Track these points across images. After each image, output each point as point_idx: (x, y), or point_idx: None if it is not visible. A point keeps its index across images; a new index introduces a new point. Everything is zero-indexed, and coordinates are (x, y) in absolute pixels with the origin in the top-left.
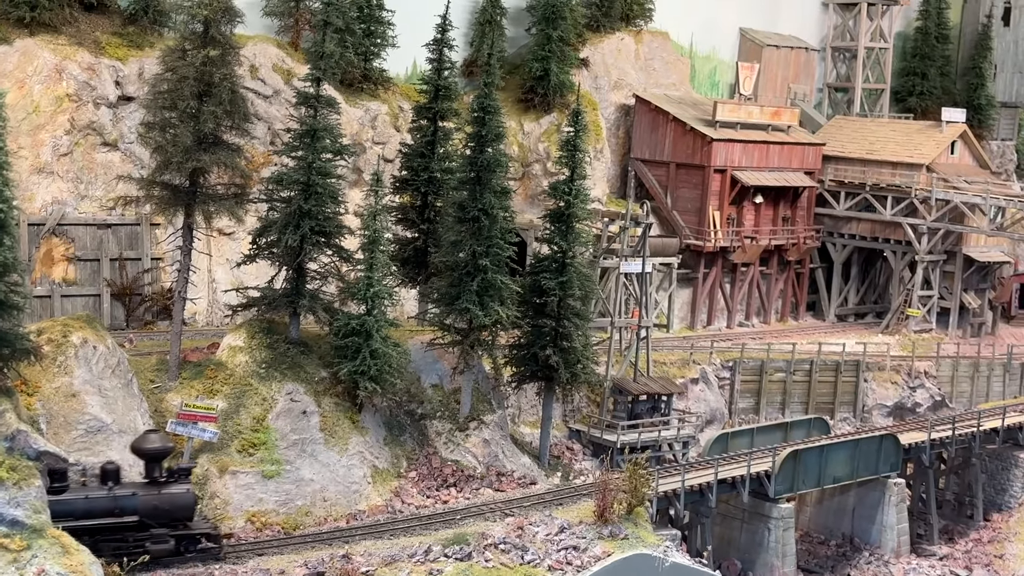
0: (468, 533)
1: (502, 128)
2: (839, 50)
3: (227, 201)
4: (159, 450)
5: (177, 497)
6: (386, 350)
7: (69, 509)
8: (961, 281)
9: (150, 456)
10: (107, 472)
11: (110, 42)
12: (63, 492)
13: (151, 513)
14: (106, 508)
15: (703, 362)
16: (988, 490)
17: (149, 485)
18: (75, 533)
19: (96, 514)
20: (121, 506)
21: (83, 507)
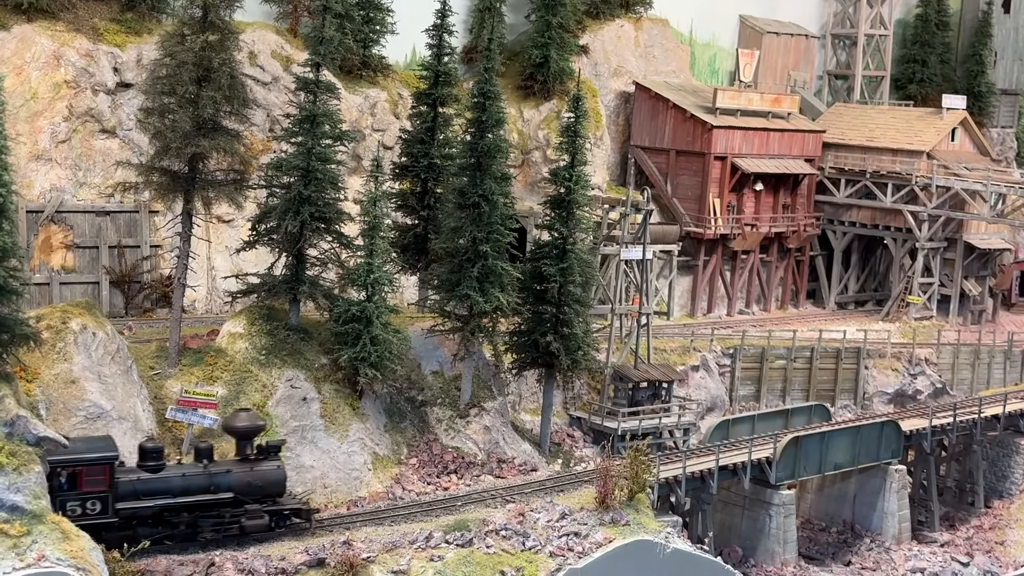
0: (469, 519)
1: (502, 114)
2: (839, 37)
3: (226, 187)
4: (250, 428)
5: (269, 473)
6: (386, 336)
7: (167, 487)
8: (961, 268)
9: (241, 434)
10: (200, 450)
11: (108, 28)
12: (160, 470)
13: (245, 489)
14: (203, 485)
15: (704, 349)
16: (989, 477)
17: (241, 462)
18: (173, 511)
19: (193, 491)
20: (216, 483)
21: (181, 484)
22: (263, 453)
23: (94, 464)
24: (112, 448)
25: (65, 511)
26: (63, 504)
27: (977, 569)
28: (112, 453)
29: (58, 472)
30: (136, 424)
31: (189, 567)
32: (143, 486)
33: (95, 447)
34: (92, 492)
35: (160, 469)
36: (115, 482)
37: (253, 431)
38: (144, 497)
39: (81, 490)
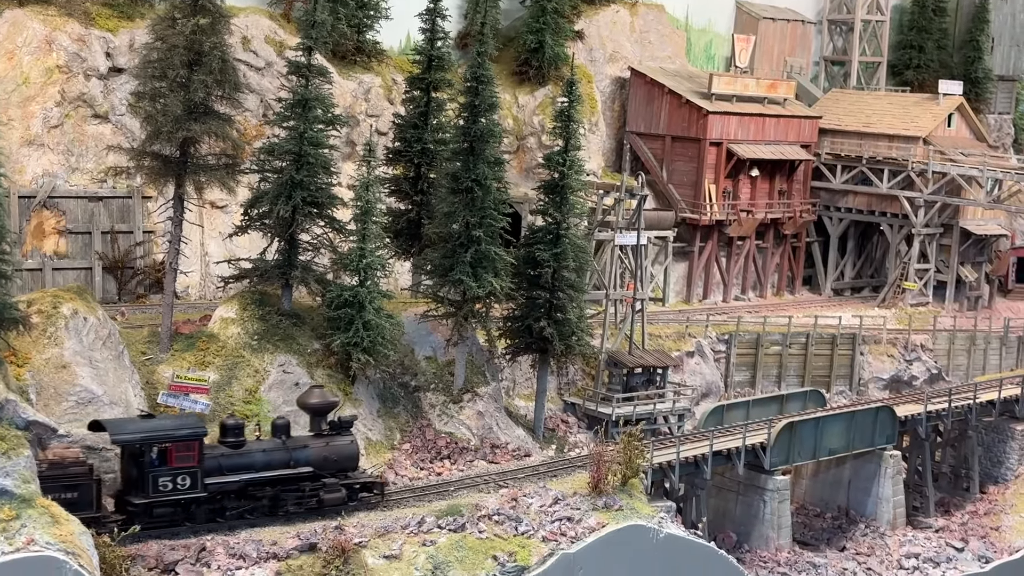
0: (462, 504)
1: (495, 98)
2: (836, 23)
3: (218, 171)
4: (324, 404)
5: (344, 448)
6: (379, 322)
7: (249, 462)
8: (958, 254)
9: (315, 410)
10: (278, 426)
11: (100, 13)
12: (242, 447)
13: (321, 464)
14: (283, 460)
15: (699, 335)
16: (984, 462)
17: (316, 438)
18: (257, 485)
19: (275, 466)
20: (295, 458)
21: (263, 460)
22: (335, 429)
23: (184, 440)
24: (200, 424)
25: (157, 487)
26: (155, 480)
27: (972, 554)
28: (201, 429)
29: (149, 448)
30: (127, 409)
31: (180, 551)
32: (227, 462)
33: (184, 423)
34: (182, 468)
35: (241, 445)
36: (203, 457)
37: (327, 407)
38: (229, 472)
39: (172, 466)
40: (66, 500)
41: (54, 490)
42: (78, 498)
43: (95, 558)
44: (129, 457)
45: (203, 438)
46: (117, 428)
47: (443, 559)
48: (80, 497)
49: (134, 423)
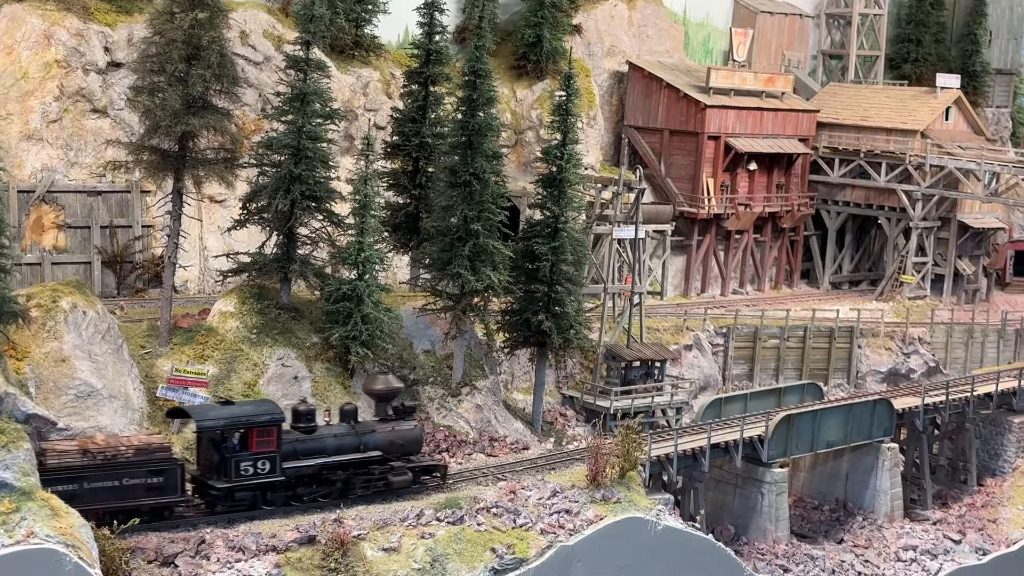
0: (460, 497)
1: (493, 92)
2: (833, 16)
3: (217, 166)
4: (390, 391)
5: (408, 432)
6: (377, 315)
7: (321, 447)
8: (955, 247)
9: (380, 396)
10: (347, 412)
11: (99, 7)
12: (314, 432)
13: (388, 448)
14: (353, 445)
15: (697, 328)
16: (982, 455)
17: (382, 422)
18: (331, 469)
19: (345, 450)
20: (364, 442)
21: (334, 445)
22: (399, 414)
23: (265, 425)
24: (278, 410)
25: (239, 471)
26: (236, 464)
27: (969, 547)
28: (280, 415)
29: (232, 433)
30: (127, 403)
31: (180, 544)
32: (302, 446)
33: (263, 409)
34: (262, 452)
35: (314, 430)
36: (281, 442)
37: (392, 393)
38: (303, 457)
39: (252, 450)
40: (152, 485)
41: (140, 475)
42: (163, 482)
43: (95, 550)
44: (210, 442)
45: (282, 423)
46: (201, 414)
47: (442, 551)
48: (165, 481)
49: (215, 409)
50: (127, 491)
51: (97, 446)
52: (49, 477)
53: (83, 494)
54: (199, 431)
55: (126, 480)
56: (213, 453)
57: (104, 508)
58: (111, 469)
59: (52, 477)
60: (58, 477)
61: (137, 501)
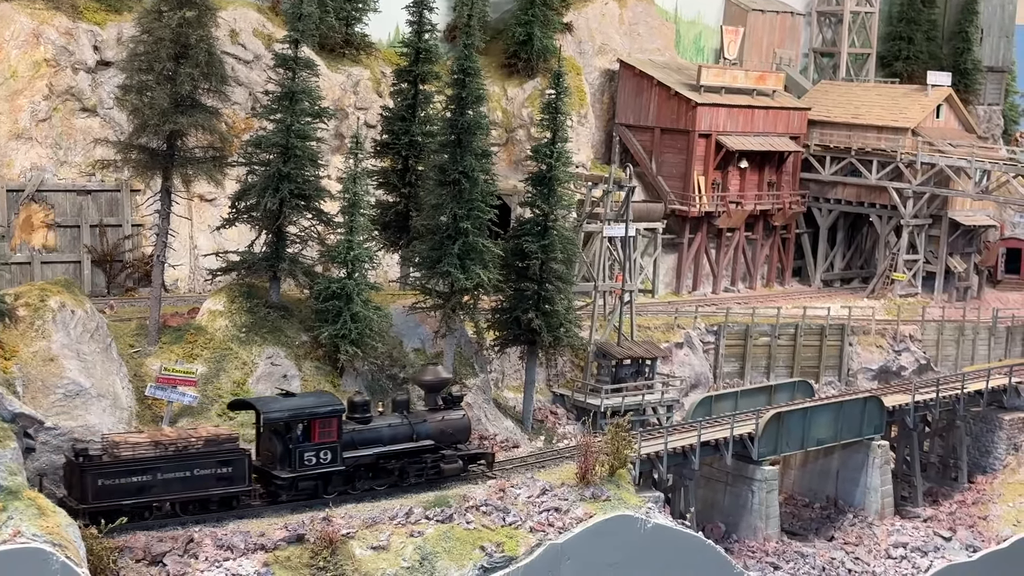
0: (449, 495)
1: (482, 90)
2: (825, 14)
3: (205, 164)
4: (439, 381)
5: (458, 421)
6: (367, 314)
7: (378, 436)
8: (947, 245)
9: (430, 387)
10: (399, 402)
11: (88, 6)
12: (369, 422)
13: (439, 436)
14: (407, 434)
15: (688, 326)
16: (972, 452)
17: (432, 412)
18: (387, 458)
19: (399, 440)
20: (417, 431)
21: (389, 434)
22: (448, 404)
23: (327, 416)
24: (339, 402)
25: (302, 461)
26: (300, 455)
27: (960, 544)
28: (341, 406)
29: (295, 424)
30: (115, 402)
31: (168, 543)
32: (359, 436)
33: (325, 400)
34: (324, 443)
35: (369, 420)
36: (341, 432)
37: (442, 384)
38: (361, 446)
39: (315, 441)
40: (221, 475)
41: (210, 465)
42: (232, 472)
43: (82, 550)
44: (273, 433)
45: (342, 414)
46: (266, 406)
47: (431, 550)
48: (234, 472)
49: (278, 401)
50: (198, 481)
51: (168, 437)
52: (123, 469)
53: (155, 485)
54: (264, 422)
55: (197, 471)
56: (276, 444)
57: (176, 499)
58: (183, 460)
59: (126, 469)
60: (132, 469)
61: (207, 491)
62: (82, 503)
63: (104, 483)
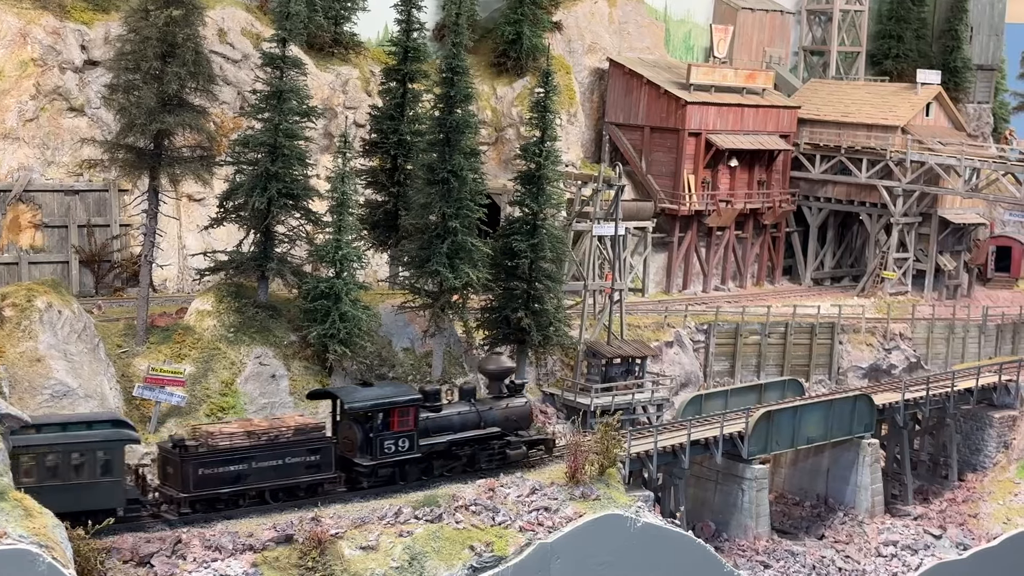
0: (439, 495)
1: (471, 89)
2: (814, 13)
3: (193, 164)
4: (503, 370)
5: (520, 408)
6: (355, 313)
7: (449, 424)
8: (936, 243)
9: (494, 375)
10: (466, 391)
11: (75, 6)
12: (440, 410)
13: (504, 423)
14: (475, 421)
15: (678, 325)
16: (962, 450)
17: (496, 400)
18: (459, 445)
19: (468, 427)
20: (484, 419)
21: (459, 421)
22: (512, 391)
23: (406, 406)
24: (415, 391)
25: (383, 449)
26: (380, 443)
27: (950, 542)
28: (418, 396)
29: (377, 414)
30: (103, 402)
31: (156, 544)
32: (432, 424)
33: (403, 390)
34: (403, 431)
35: (440, 409)
36: (418, 421)
37: (505, 372)
38: (434, 434)
39: (394, 429)
40: (310, 463)
41: (300, 454)
42: (320, 460)
43: (69, 551)
44: (354, 422)
45: (419, 404)
46: (349, 395)
47: (420, 550)
48: (321, 459)
49: (360, 391)
50: (288, 469)
51: (260, 427)
52: (220, 458)
53: (250, 474)
54: (348, 412)
55: (288, 459)
56: (357, 432)
57: (270, 486)
58: (275, 449)
59: (223, 458)
60: (229, 458)
61: (297, 479)
62: (183, 492)
63: (204, 472)
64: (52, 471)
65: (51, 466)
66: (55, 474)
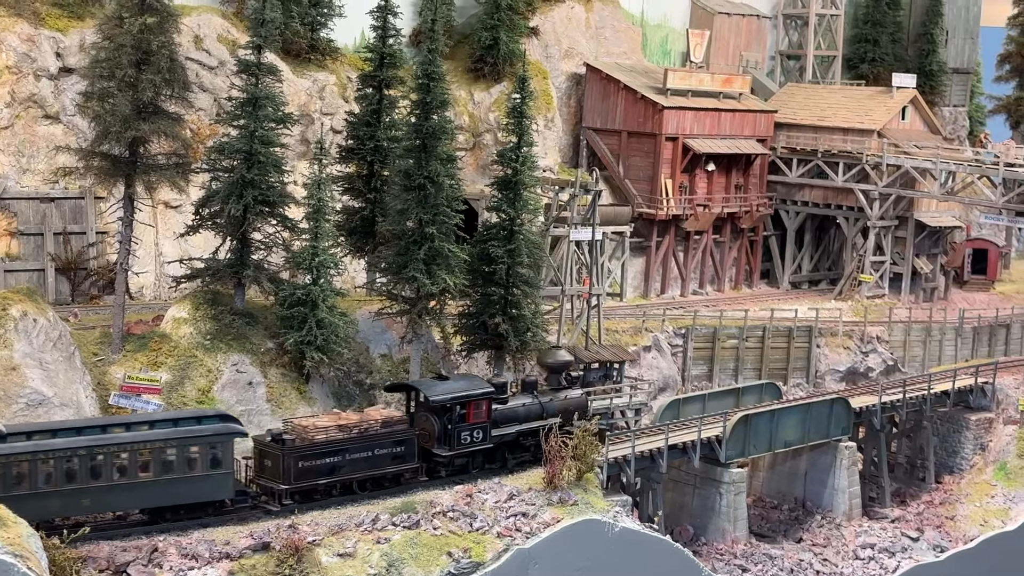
0: (416, 501)
1: (447, 95)
2: (791, 17)
3: (168, 171)
4: (563, 363)
5: (578, 399)
6: (332, 320)
7: (515, 415)
8: (913, 246)
9: (553, 368)
10: (527, 383)
11: (50, 13)
12: (507, 402)
13: (563, 413)
14: (538, 412)
15: (656, 330)
16: (939, 453)
17: (556, 391)
18: (526, 435)
19: (532, 417)
20: (546, 409)
21: (524, 412)
22: (569, 383)
23: (480, 398)
24: (488, 385)
25: (460, 440)
26: (458, 434)
27: (927, 544)
28: (490, 389)
29: (455, 406)
30: (79, 411)
31: (132, 552)
32: (501, 415)
33: (478, 383)
34: (477, 423)
35: (506, 401)
36: (491, 412)
37: (565, 365)
38: (503, 424)
39: (470, 421)
40: (395, 454)
41: (387, 446)
42: (404, 451)
43: (44, 560)
44: (431, 413)
45: (492, 396)
46: (429, 388)
47: (397, 556)
48: (405, 451)
49: (439, 384)
50: (377, 460)
51: (350, 421)
52: (317, 451)
53: (344, 465)
54: (430, 404)
55: (376, 451)
56: (435, 423)
57: (359, 477)
58: (366, 441)
59: (320, 451)
60: (325, 451)
61: (384, 469)
62: (284, 483)
63: (303, 465)
64: (168, 466)
65: (167, 461)
66: (170, 468)
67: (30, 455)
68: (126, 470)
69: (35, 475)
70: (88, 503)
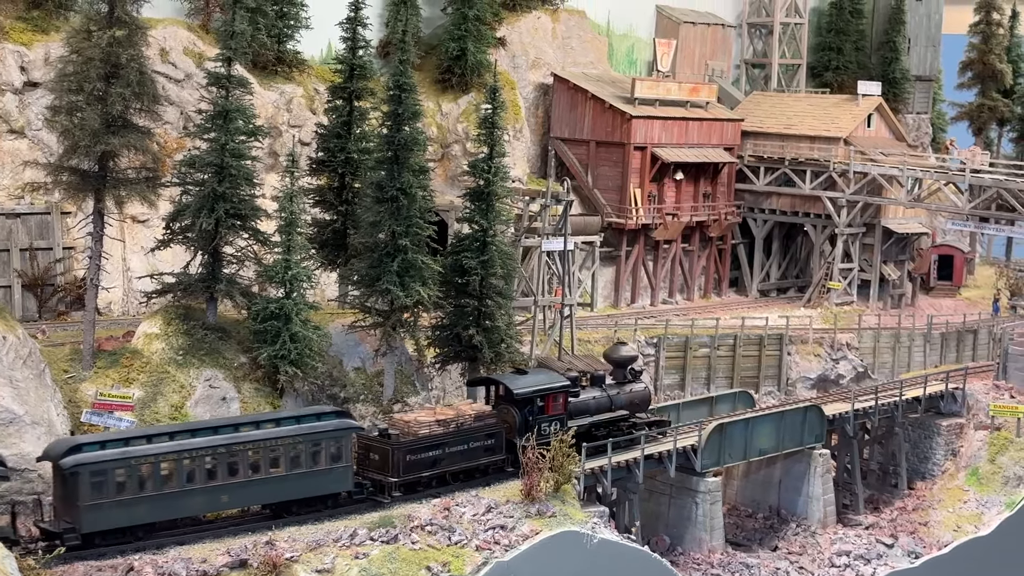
0: (394, 516)
1: (418, 106)
2: (755, 26)
3: (138, 185)
4: (628, 358)
5: (642, 393)
6: (306, 333)
7: (587, 407)
8: (880, 253)
9: (619, 363)
10: (595, 377)
11: (14, 27)
12: (579, 395)
13: (628, 406)
14: (606, 405)
15: (627, 339)
16: (911, 459)
17: (621, 385)
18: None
19: (602, 409)
20: (613, 402)
21: (595, 405)
22: (634, 377)
23: (559, 391)
24: (564, 379)
25: (540, 431)
26: (538, 424)
27: (902, 550)
28: (567, 382)
29: (536, 399)
30: (50, 429)
31: (107, 572)
32: (575, 408)
33: (556, 377)
34: (555, 415)
35: (579, 394)
36: (567, 405)
37: (628, 360)
38: (576, 416)
39: (549, 413)
40: (487, 447)
41: (480, 439)
42: (494, 444)
43: None
44: (512, 406)
45: (569, 389)
46: (513, 382)
47: (376, 571)
48: (495, 443)
49: (520, 378)
50: (471, 453)
51: (447, 416)
52: (422, 445)
53: (444, 458)
54: (515, 397)
55: (471, 444)
56: (516, 416)
57: (458, 469)
58: (463, 435)
59: (424, 445)
60: (429, 445)
61: (477, 461)
62: (393, 476)
63: (411, 458)
64: (296, 461)
65: (296, 456)
66: (298, 463)
67: (175, 454)
68: (259, 466)
69: (180, 474)
70: (227, 499)
